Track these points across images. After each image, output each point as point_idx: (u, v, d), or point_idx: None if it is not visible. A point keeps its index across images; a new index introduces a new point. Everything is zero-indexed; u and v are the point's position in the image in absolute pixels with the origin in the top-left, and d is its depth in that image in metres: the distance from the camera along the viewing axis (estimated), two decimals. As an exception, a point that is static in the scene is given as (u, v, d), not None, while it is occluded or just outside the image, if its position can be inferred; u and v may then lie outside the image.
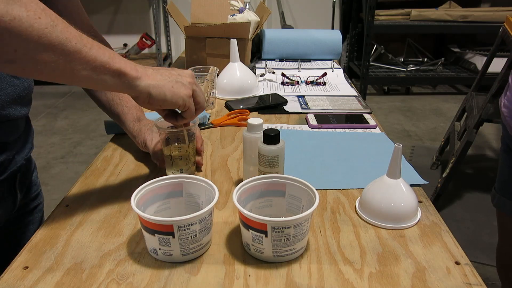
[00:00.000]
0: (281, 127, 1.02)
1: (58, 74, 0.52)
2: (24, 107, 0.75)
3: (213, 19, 1.55)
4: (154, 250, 0.57)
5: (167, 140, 0.74)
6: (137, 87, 0.58)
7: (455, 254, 0.59)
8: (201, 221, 0.55)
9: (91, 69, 0.53)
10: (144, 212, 0.58)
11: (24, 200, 0.85)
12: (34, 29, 0.46)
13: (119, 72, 0.55)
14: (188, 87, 0.63)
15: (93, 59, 0.52)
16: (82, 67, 0.52)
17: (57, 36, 0.48)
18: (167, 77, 0.61)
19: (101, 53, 0.53)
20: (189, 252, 0.57)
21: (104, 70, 0.54)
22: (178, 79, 0.62)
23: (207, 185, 0.61)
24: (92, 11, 3.85)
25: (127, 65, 0.56)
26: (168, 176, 0.63)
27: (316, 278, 0.55)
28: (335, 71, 1.42)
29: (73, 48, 0.50)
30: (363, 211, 0.68)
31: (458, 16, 3.37)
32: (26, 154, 0.81)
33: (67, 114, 3.23)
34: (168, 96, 0.60)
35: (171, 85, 0.60)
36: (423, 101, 3.55)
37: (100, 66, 0.53)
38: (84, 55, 0.51)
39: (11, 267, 0.56)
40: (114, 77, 0.55)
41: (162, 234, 0.55)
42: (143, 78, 0.58)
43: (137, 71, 0.57)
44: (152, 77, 0.59)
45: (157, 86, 0.59)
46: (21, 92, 0.73)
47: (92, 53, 0.52)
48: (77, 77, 0.53)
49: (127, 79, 0.56)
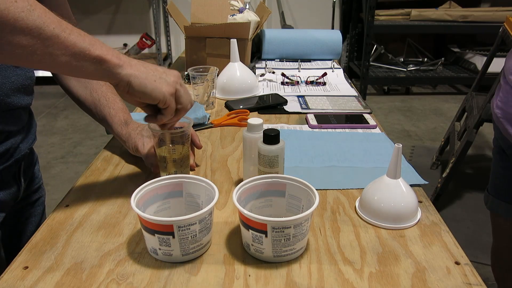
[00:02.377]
0: (281, 127, 1.02)
1: (36, 60, 0.52)
2: (27, 96, 0.78)
3: (213, 19, 1.55)
4: (154, 250, 0.57)
5: (160, 142, 0.73)
6: (117, 75, 0.57)
7: (455, 254, 0.59)
8: (201, 221, 0.55)
9: (70, 55, 0.53)
10: (144, 212, 0.58)
11: (27, 192, 0.87)
12: (10, 11, 0.47)
13: (100, 58, 0.55)
14: (171, 85, 0.62)
15: (72, 45, 0.52)
16: (60, 52, 0.52)
17: (34, 20, 0.49)
18: (151, 71, 0.60)
19: (81, 40, 0.53)
20: (189, 252, 0.57)
21: (84, 57, 0.54)
22: (162, 76, 0.61)
23: (207, 185, 0.61)
24: (92, 11, 3.85)
25: (108, 52, 0.56)
26: (168, 176, 0.63)
27: (316, 278, 0.55)
28: (335, 71, 1.42)
29: (50, 33, 0.50)
30: (363, 211, 0.68)
31: (458, 16, 3.37)
32: (30, 144, 0.83)
33: (67, 114, 3.23)
34: (148, 88, 0.59)
35: (153, 79, 0.60)
36: (423, 101, 3.55)
37: (79, 52, 0.53)
38: (62, 40, 0.51)
39: (11, 267, 0.56)
40: (94, 63, 0.55)
41: (162, 234, 0.55)
42: (125, 66, 0.57)
43: (119, 59, 0.57)
44: (136, 67, 0.59)
45: (138, 77, 0.58)
46: (24, 81, 0.75)
47: (71, 39, 0.52)
48: (56, 63, 0.53)
49: (108, 66, 0.56)
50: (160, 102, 0.61)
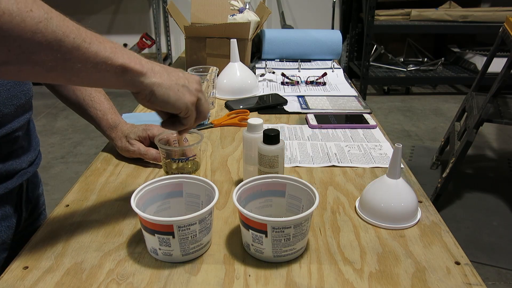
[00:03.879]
0: (281, 127, 1.02)
1: (53, 76, 0.47)
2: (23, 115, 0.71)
3: (213, 19, 1.55)
4: (154, 250, 0.57)
5: (167, 155, 0.73)
6: (141, 84, 0.53)
7: (455, 254, 0.59)
8: (201, 221, 0.55)
9: (92, 66, 0.47)
10: (144, 212, 0.58)
11: (28, 221, 0.80)
12: (27, 24, 0.41)
13: (123, 67, 0.50)
14: (194, 93, 0.59)
15: (93, 55, 0.47)
16: (81, 64, 0.46)
17: (53, 31, 0.43)
18: (174, 78, 0.56)
19: (102, 48, 0.48)
20: (189, 252, 0.57)
21: (106, 67, 0.49)
22: (185, 84, 0.57)
23: (207, 185, 0.61)
24: (92, 11, 3.85)
25: (131, 59, 0.51)
26: (168, 176, 0.63)
27: (316, 278, 0.55)
28: (335, 71, 1.42)
29: (71, 45, 0.44)
30: (363, 211, 0.68)
31: (458, 16, 3.37)
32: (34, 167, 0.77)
33: (67, 114, 3.23)
34: (172, 98, 0.55)
35: (177, 88, 0.56)
36: (423, 101, 3.55)
37: (101, 62, 0.48)
38: (83, 51, 0.46)
39: (11, 267, 0.56)
40: (116, 73, 0.50)
41: (162, 234, 0.55)
42: (148, 74, 0.53)
43: (142, 65, 0.52)
44: (159, 75, 0.54)
45: (162, 86, 0.54)
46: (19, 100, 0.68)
47: (93, 49, 0.47)
48: (75, 77, 0.48)
49: (131, 75, 0.51)
50: (181, 112, 0.58)
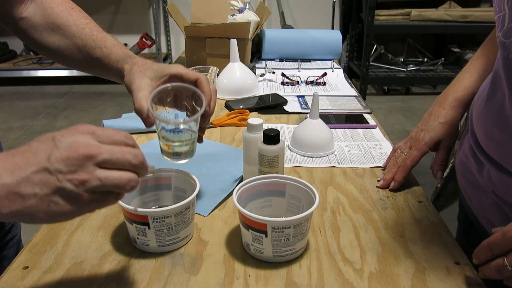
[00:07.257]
0: (281, 127, 1.02)
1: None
2: None
3: (213, 19, 1.55)
4: (134, 239, 0.59)
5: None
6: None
7: (455, 254, 0.59)
8: (176, 215, 0.57)
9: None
10: (130, 202, 0.61)
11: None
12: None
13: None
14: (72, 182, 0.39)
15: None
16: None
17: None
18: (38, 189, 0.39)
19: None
20: (165, 244, 0.58)
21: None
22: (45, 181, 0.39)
23: (192, 180, 0.63)
24: (92, 11, 3.82)
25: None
26: (158, 169, 0.60)
27: (316, 278, 0.55)
28: (335, 71, 1.42)
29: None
30: (294, 146, 0.88)
31: (458, 16, 3.36)
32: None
33: (67, 114, 3.22)
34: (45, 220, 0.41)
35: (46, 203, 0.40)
36: (423, 101, 3.55)
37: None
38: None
39: (11, 267, 0.56)
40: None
41: (139, 224, 0.57)
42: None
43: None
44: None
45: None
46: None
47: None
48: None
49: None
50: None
